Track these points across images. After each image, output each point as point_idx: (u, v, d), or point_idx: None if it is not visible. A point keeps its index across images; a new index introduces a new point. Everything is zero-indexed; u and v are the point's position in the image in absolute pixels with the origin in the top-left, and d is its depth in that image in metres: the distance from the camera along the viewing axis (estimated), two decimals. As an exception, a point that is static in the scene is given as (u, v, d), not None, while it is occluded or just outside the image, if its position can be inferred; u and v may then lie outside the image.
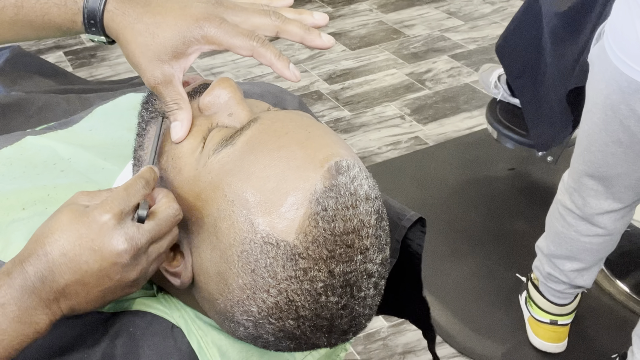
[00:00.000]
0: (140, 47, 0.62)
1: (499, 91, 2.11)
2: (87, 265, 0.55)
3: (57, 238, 0.55)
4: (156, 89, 0.63)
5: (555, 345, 1.71)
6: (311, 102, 2.73)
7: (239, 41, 0.61)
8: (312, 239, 0.55)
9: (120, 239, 0.55)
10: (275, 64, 0.62)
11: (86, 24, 0.65)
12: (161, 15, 0.62)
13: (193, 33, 0.61)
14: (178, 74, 0.63)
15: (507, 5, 3.38)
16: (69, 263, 0.55)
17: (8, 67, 1.07)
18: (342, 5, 3.49)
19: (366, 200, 0.58)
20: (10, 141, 0.82)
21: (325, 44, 0.64)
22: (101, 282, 0.56)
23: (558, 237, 1.57)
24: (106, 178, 0.76)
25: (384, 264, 0.60)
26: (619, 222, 1.50)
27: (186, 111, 0.63)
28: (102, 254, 0.55)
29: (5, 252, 0.67)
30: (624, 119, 1.28)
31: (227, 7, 0.63)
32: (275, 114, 0.63)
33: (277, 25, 0.63)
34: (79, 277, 0.55)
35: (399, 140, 2.49)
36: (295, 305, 0.57)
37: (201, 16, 0.61)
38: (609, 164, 1.38)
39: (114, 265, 0.55)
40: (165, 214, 0.57)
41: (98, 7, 0.63)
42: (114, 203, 0.56)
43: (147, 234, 0.56)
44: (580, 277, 1.59)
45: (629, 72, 1.23)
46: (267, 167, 0.57)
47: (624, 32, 1.24)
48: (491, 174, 2.32)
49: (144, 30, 0.62)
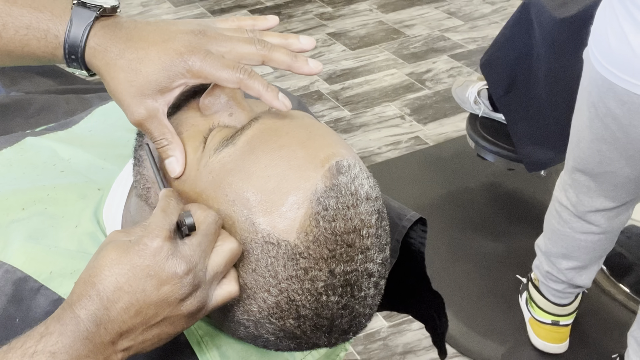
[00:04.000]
0: (123, 83, 0.60)
1: (480, 107, 2.06)
2: (145, 294, 0.52)
3: (108, 274, 0.52)
4: (141, 126, 0.61)
5: (556, 346, 1.71)
6: (311, 102, 2.73)
7: (225, 74, 0.59)
8: (313, 239, 0.55)
9: (175, 259, 0.53)
10: (264, 96, 0.60)
11: (67, 58, 0.63)
12: (144, 50, 0.60)
13: (177, 67, 0.59)
14: (162, 107, 0.61)
15: (507, 5, 3.38)
16: (125, 297, 0.52)
17: (7, 68, 1.06)
18: (342, 5, 3.49)
19: (367, 200, 0.58)
20: (10, 142, 0.82)
21: (313, 70, 0.63)
22: (160, 311, 0.53)
23: (554, 235, 1.58)
24: (106, 178, 0.76)
25: (384, 263, 0.60)
26: (614, 220, 1.50)
27: (177, 144, 0.61)
28: (160, 278, 0.52)
29: (4, 252, 0.67)
30: (604, 117, 1.29)
31: (210, 37, 0.61)
32: (276, 113, 0.63)
33: (263, 54, 0.61)
34: (137, 309, 0.52)
35: (399, 140, 2.49)
36: (296, 305, 0.57)
37: (185, 50, 0.60)
38: (595, 161, 1.39)
39: (173, 289, 0.53)
40: (206, 223, 0.55)
41: (79, 42, 0.62)
42: (159, 227, 0.53)
43: (198, 247, 0.54)
44: (578, 276, 1.59)
45: (603, 71, 1.24)
46: (268, 166, 0.57)
47: (599, 32, 1.26)
48: (491, 174, 2.32)
49: (127, 66, 0.60)
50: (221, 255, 0.55)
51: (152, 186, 0.63)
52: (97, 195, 0.74)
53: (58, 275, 0.65)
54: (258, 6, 3.52)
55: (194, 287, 0.54)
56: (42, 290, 0.64)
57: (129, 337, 0.53)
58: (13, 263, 0.66)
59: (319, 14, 3.41)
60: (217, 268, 0.55)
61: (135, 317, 0.53)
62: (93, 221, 0.70)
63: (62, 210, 0.72)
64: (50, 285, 0.64)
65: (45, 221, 0.70)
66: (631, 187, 1.41)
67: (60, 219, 0.71)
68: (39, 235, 0.69)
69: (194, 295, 0.54)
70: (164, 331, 0.55)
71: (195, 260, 0.54)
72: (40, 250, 0.67)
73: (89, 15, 0.62)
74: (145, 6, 3.57)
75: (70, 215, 0.71)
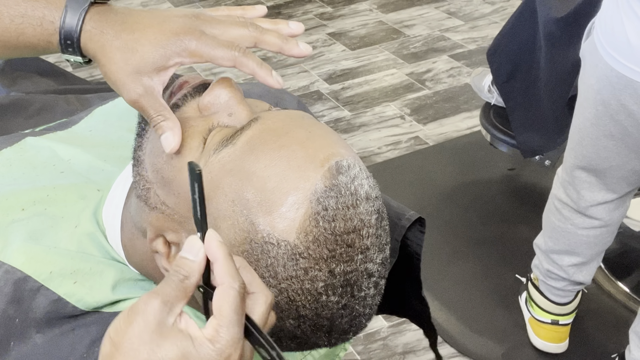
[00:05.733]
0: (119, 62, 0.61)
1: (493, 95, 2.10)
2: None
3: None
4: (137, 103, 0.62)
5: (556, 346, 1.71)
6: (311, 102, 2.73)
7: (220, 52, 0.60)
8: (313, 239, 0.55)
9: None
10: (258, 73, 0.61)
11: (62, 44, 0.63)
12: (140, 31, 0.61)
13: (173, 46, 0.60)
14: (158, 87, 0.62)
15: (507, 5, 3.38)
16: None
17: (7, 67, 1.06)
18: (342, 5, 3.49)
19: (366, 200, 0.58)
20: (10, 142, 0.82)
21: (303, 52, 0.64)
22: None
23: (555, 232, 1.58)
24: (106, 179, 0.76)
25: (384, 263, 0.60)
26: (614, 212, 1.51)
27: (172, 120, 0.61)
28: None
29: (4, 252, 0.67)
30: (615, 114, 1.29)
31: (204, 20, 0.63)
32: (276, 113, 0.63)
33: (255, 36, 0.63)
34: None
35: (399, 140, 2.49)
36: (296, 305, 0.57)
37: (180, 30, 0.61)
38: (601, 157, 1.39)
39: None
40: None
41: (75, 27, 0.62)
42: (235, 341, 0.47)
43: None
44: (579, 272, 1.59)
45: (619, 68, 1.23)
46: (267, 166, 0.57)
47: (613, 29, 1.25)
48: (491, 174, 2.32)
49: (123, 46, 0.61)
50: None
51: (151, 186, 0.63)
52: (96, 196, 0.74)
53: (58, 275, 0.65)
54: (258, 6, 3.52)
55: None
56: (42, 290, 0.64)
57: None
58: (13, 263, 0.66)
59: (319, 14, 3.41)
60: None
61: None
62: (92, 222, 0.70)
63: (61, 210, 0.72)
64: (50, 285, 0.64)
65: (45, 221, 0.70)
66: (634, 179, 1.42)
67: (60, 220, 0.71)
68: (38, 235, 0.69)
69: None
70: None
71: None
72: (40, 251, 0.67)
73: (83, 1, 0.62)
74: (145, 6, 3.57)
75: (70, 216, 0.71)
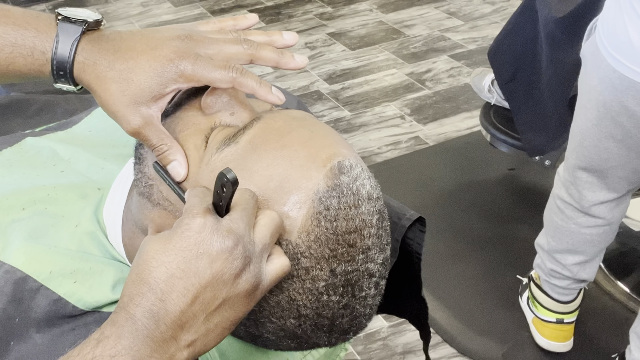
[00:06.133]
0: (116, 94, 0.60)
1: (493, 95, 2.10)
2: (198, 276, 0.50)
3: (155, 265, 0.50)
4: (138, 134, 0.61)
5: (562, 345, 1.70)
6: (311, 102, 2.73)
7: (217, 74, 0.60)
8: (314, 238, 0.56)
9: (221, 233, 0.51)
10: (258, 91, 0.61)
11: (55, 74, 0.62)
12: (133, 59, 0.60)
13: (169, 73, 0.59)
14: (157, 114, 0.61)
15: (507, 5, 3.38)
16: (178, 283, 0.50)
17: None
18: (342, 5, 3.49)
19: (368, 200, 0.58)
20: (10, 142, 0.82)
21: (299, 64, 0.64)
22: (217, 292, 0.51)
23: (558, 232, 1.58)
24: (106, 178, 0.76)
25: (384, 263, 0.60)
26: (615, 210, 1.52)
27: (177, 148, 0.61)
28: (210, 255, 0.50)
29: (4, 252, 0.67)
30: (616, 116, 1.29)
31: (197, 41, 0.61)
32: (278, 113, 0.63)
33: (250, 53, 0.62)
34: (193, 295, 0.50)
35: (399, 140, 2.49)
36: (297, 304, 0.57)
37: (174, 55, 0.60)
38: (602, 158, 1.39)
39: (225, 264, 0.51)
40: (243, 198, 0.54)
41: (67, 58, 0.61)
42: (196, 206, 0.52)
43: (240, 221, 0.52)
44: (583, 270, 1.59)
45: (621, 69, 1.23)
46: (269, 166, 0.57)
47: (615, 30, 1.25)
48: (491, 174, 2.32)
49: (118, 77, 0.60)
50: (265, 227, 0.54)
51: (154, 183, 0.63)
52: (97, 194, 0.74)
53: (58, 274, 0.65)
54: (258, 6, 3.52)
55: (246, 260, 0.52)
56: (42, 290, 0.64)
57: (191, 329, 0.51)
58: (13, 263, 0.66)
59: (319, 14, 3.41)
60: (263, 240, 0.53)
61: (193, 304, 0.50)
62: (93, 221, 0.70)
63: (62, 209, 0.72)
64: (50, 285, 0.64)
65: (45, 221, 0.70)
66: (635, 178, 1.42)
67: (61, 219, 0.71)
68: (39, 235, 0.69)
69: (248, 269, 0.52)
70: (225, 317, 0.52)
71: (241, 232, 0.52)
72: (40, 250, 0.67)
73: (75, 30, 0.61)
74: (145, 6, 3.57)
75: (71, 215, 0.71)
